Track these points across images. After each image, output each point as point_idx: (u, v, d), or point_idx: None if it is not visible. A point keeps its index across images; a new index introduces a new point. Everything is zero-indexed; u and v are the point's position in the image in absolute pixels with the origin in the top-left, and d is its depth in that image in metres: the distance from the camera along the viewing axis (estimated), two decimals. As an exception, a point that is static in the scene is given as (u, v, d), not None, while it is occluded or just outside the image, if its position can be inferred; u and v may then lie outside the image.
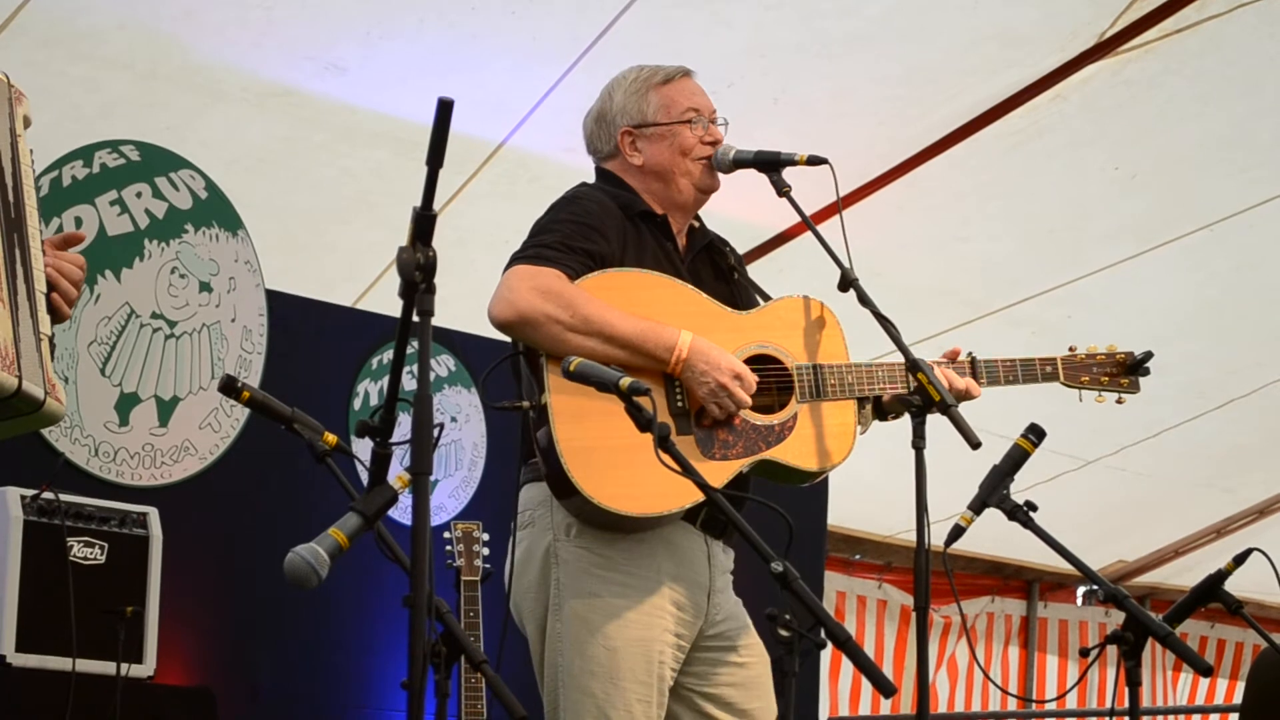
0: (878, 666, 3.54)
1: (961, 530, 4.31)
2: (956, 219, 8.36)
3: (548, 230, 4.30)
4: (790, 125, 7.34)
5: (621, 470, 4.12)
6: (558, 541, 4.25)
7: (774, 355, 4.35)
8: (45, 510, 5.72)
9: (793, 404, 4.32)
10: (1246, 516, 11.15)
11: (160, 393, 6.50)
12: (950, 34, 7.24)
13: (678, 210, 4.50)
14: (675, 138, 4.45)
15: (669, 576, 4.27)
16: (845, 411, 4.36)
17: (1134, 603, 4.28)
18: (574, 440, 4.13)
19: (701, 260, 4.55)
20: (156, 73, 6.70)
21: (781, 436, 4.29)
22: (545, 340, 4.17)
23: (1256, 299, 9.07)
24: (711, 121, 4.50)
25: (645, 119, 4.47)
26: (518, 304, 4.15)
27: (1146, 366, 4.61)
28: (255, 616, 6.67)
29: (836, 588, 10.46)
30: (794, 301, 4.43)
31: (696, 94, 4.52)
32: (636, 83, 4.51)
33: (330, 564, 3.12)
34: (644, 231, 4.42)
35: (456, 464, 7.35)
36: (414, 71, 6.91)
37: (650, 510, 4.17)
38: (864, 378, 4.36)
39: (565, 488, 4.15)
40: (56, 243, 3.52)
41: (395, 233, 3.10)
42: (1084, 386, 4.60)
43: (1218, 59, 7.54)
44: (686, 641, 4.31)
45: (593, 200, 4.39)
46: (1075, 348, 4.64)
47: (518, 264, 4.22)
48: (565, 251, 4.23)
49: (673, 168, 4.45)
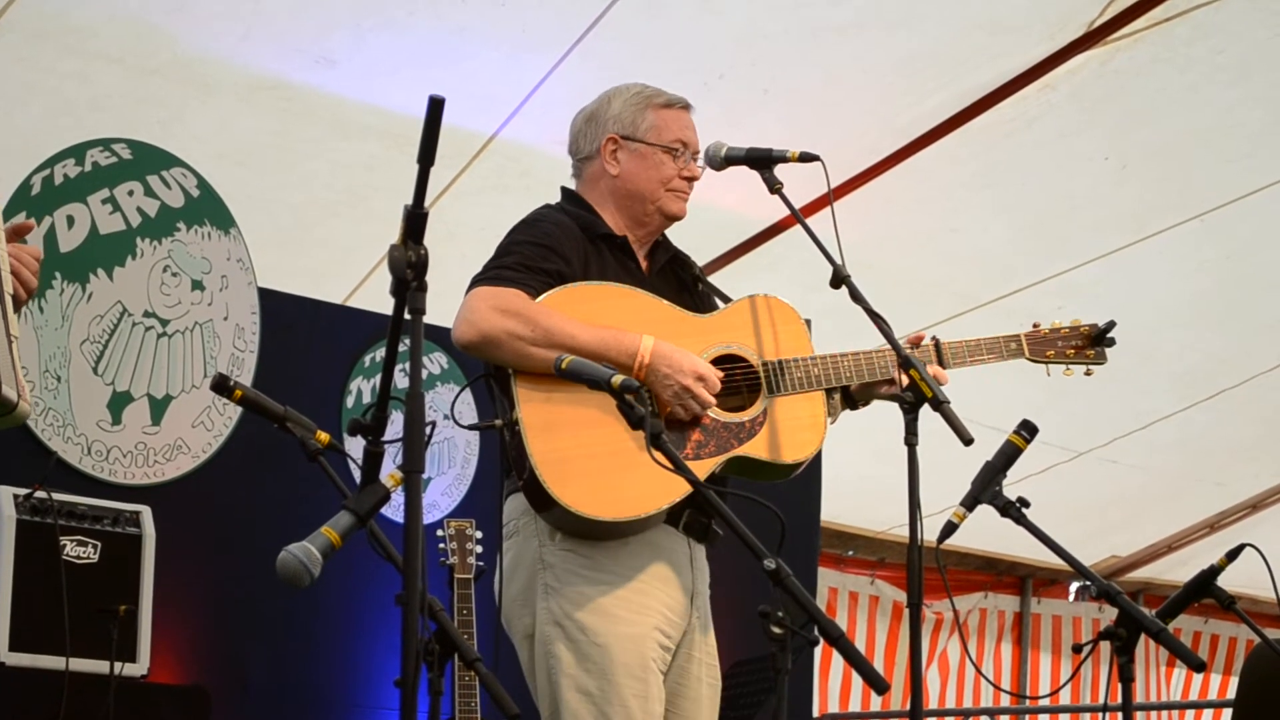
0: (870, 663, 3.54)
1: (954, 526, 4.31)
2: (947, 210, 8.36)
3: (508, 252, 4.34)
4: (780, 115, 7.34)
5: (596, 477, 4.17)
6: (543, 546, 4.28)
7: (739, 354, 4.38)
8: (38, 509, 5.71)
9: (761, 400, 4.35)
10: (1239, 511, 11.17)
11: (153, 391, 6.49)
12: (939, 23, 7.24)
13: (640, 230, 4.53)
14: (656, 163, 4.47)
15: (654, 577, 4.30)
16: (814, 403, 4.39)
17: (1126, 599, 4.28)
18: (547, 452, 4.17)
19: (665, 275, 4.58)
20: (146, 67, 6.69)
21: (753, 432, 4.31)
22: (510, 357, 4.20)
23: (1248, 288, 9.08)
24: (694, 158, 4.52)
25: (635, 134, 4.48)
26: (479, 324, 4.18)
27: (1111, 336, 4.61)
28: (248, 615, 6.66)
29: (829, 584, 10.47)
30: (754, 300, 4.47)
31: (689, 129, 4.54)
32: (638, 97, 4.52)
33: (323, 562, 3.12)
34: (605, 252, 4.45)
35: (449, 462, 7.34)
36: (404, 63, 6.91)
37: (628, 514, 4.20)
38: (830, 369, 4.39)
39: (543, 499, 4.19)
40: (8, 233, 3.46)
41: (386, 226, 3.10)
42: (1050, 360, 4.60)
43: (1207, 47, 7.53)
44: (672, 643, 4.34)
45: (552, 222, 4.43)
46: (1039, 324, 4.64)
47: (478, 286, 4.27)
48: (525, 272, 4.27)
49: (645, 190, 4.47)
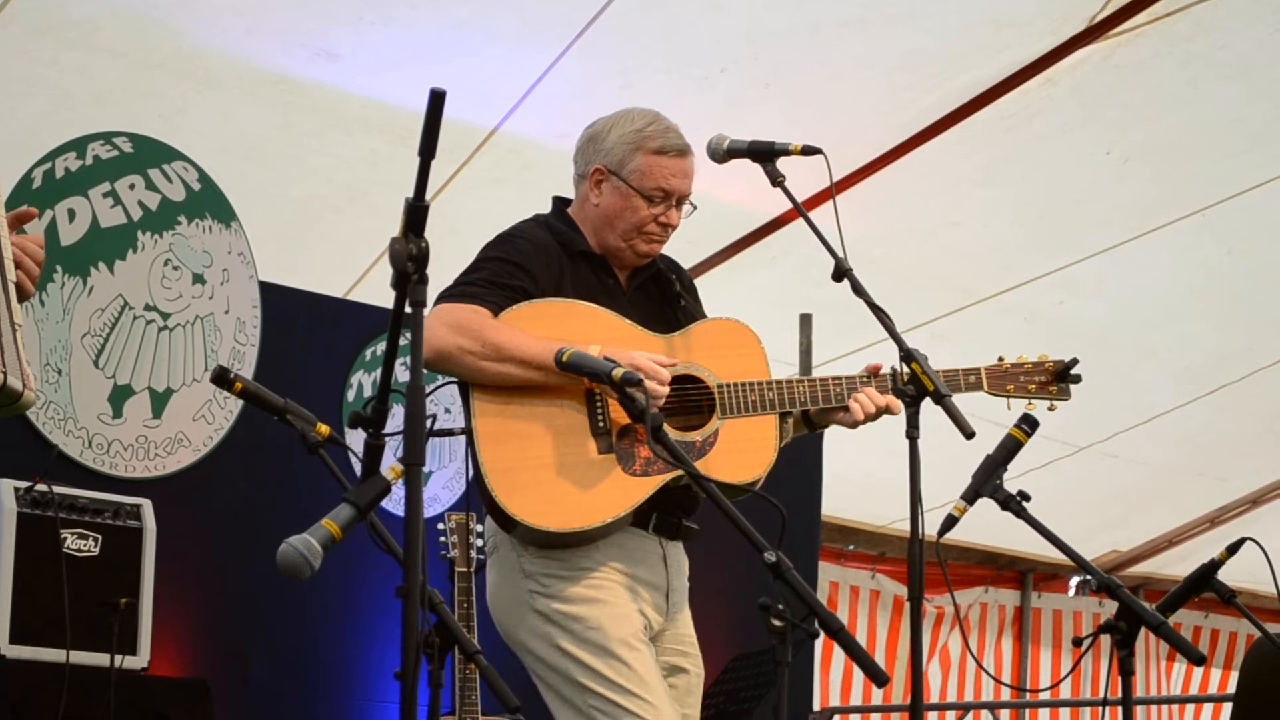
0: (870, 656, 3.54)
1: (955, 520, 4.31)
2: (948, 204, 8.35)
3: (477, 269, 4.37)
4: (782, 109, 7.34)
5: (544, 488, 4.21)
6: (521, 558, 4.32)
7: (695, 375, 4.39)
8: (39, 502, 5.72)
9: (713, 421, 4.36)
10: (1240, 506, 11.18)
11: (154, 385, 6.49)
12: (941, 18, 7.23)
13: (613, 258, 4.53)
14: (633, 206, 4.45)
15: (628, 576, 4.34)
16: (766, 425, 4.40)
17: (1127, 592, 4.29)
18: (497, 461, 4.22)
19: (646, 291, 4.58)
20: (149, 61, 6.69)
21: (703, 452, 4.33)
22: (463, 371, 4.25)
23: (1249, 283, 9.07)
24: (679, 204, 4.49)
25: (620, 171, 4.46)
26: (432, 341, 4.19)
27: (1076, 374, 4.59)
28: (249, 608, 6.67)
29: (830, 578, 10.47)
30: (717, 323, 4.48)
31: (677, 176, 4.48)
32: (635, 135, 4.48)
33: (323, 555, 3.11)
34: (582, 268, 4.46)
35: (450, 455, 7.34)
36: (406, 58, 6.91)
37: (575, 525, 4.23)
38: (783, 393, 4.39)
39: (498, 512, 4.24)
40: (10, 221, 3.45)
41: (388, 220, 3.09)
42: (1010, 394, 4.57)
43: (1208, 43, 7.53)
44: (650, 634, 4.36)
45: (527, 238, 4.44)
46: (1003, 358, 4.62)
47: (440, 301, 4.30)
48: (489, 288, 4.29)
49: (618, 227, 4.47)
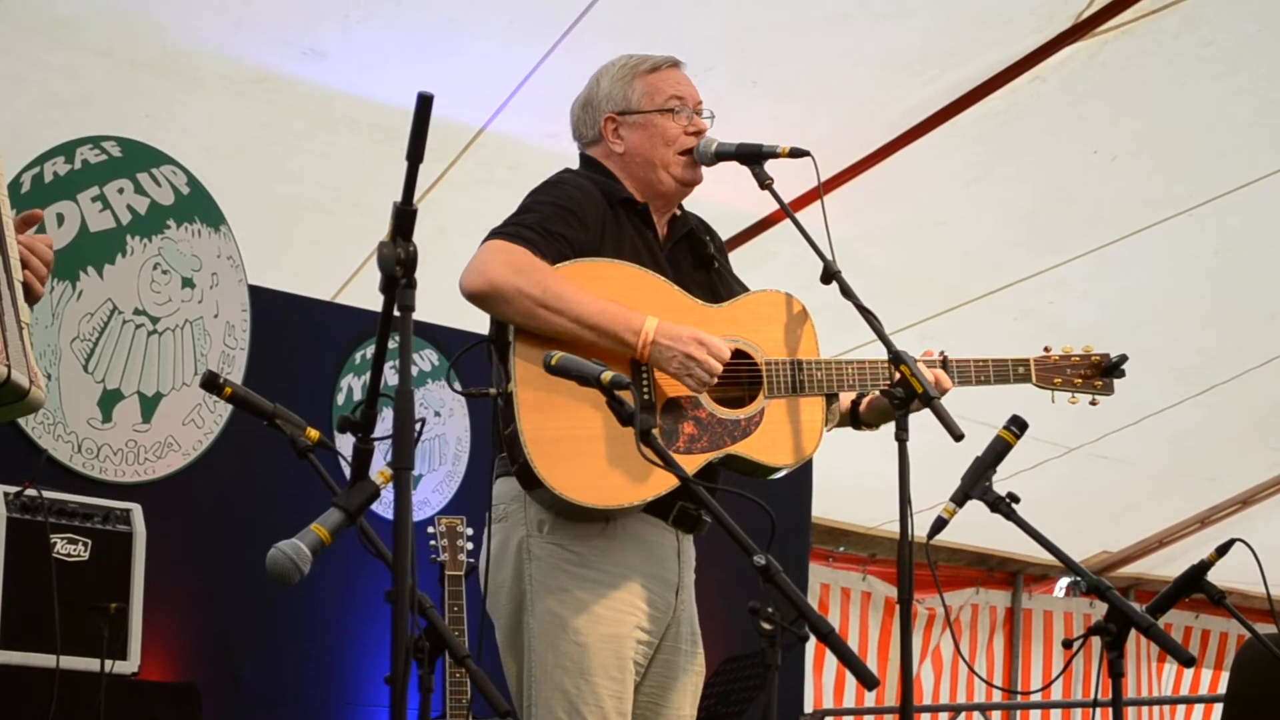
0: (860, 659, 3.53)
1: (944, 522, 4.30)
2: (936, 204, 8.34)
3: (529, 211, 4.29)
4: (769, 108, 7.32)
5: (585, 461, 4.14)
6: (530, 537, 4.26)
7: (744, 350, 4.33)
8: (28, 507, 5.70)
9: (760, 399, 4.31)
10: (1230, 506, 11.18)
11: (143, 389, 6.49)
12: (928, 16, 7.22)
13: (659, 199, 4.48)
14: (657, 127, 4.43)
15: (640, 574, 4.28)
16: (813, 408, 4.35)
17: (1116, 594, 4.29)
18: (538, 431, 4.14)
19: (681, 249, 4.53)
20: (135, 59, 6.67)
21: (748, 431, 4.28)
22: (515, 314, 4.15)
23: (1238, 283, 9.06)
24: (696, 112, 4.48)
25: (629, 106, 4.45)
26: (491, 276, 4.12)
27: (1122, 369, 4.59)
28: (239, 612, 6.66)
29: (820, 580, 10.47)
30: (767, 295, 4.43)
31: (682, 83, 4.50)
32: (623, 70, 4.49)
33: (313, 559, 3.11)
34: (623, 219, 4.40)
35: (440, 459, 7.34)
36: (393, 56, 6.89)
37: (610, 503, 4.17)
38: (832, 374, 4.35)
39: (530, 478, 4.16)
40: (17, 224, 3.48)
41: (375, 220, 3.09)
42: (1056, 388, 4.55)
43: (1196, 39, 7.51)
44: (654, 638, 4.33)
45: (575, 185, 4.38)
46: (1050, 348, 4.60)
47: (494, 239, 4.21)
48: (542, 234, 4.22)
49: (654, 157, 4.44)
